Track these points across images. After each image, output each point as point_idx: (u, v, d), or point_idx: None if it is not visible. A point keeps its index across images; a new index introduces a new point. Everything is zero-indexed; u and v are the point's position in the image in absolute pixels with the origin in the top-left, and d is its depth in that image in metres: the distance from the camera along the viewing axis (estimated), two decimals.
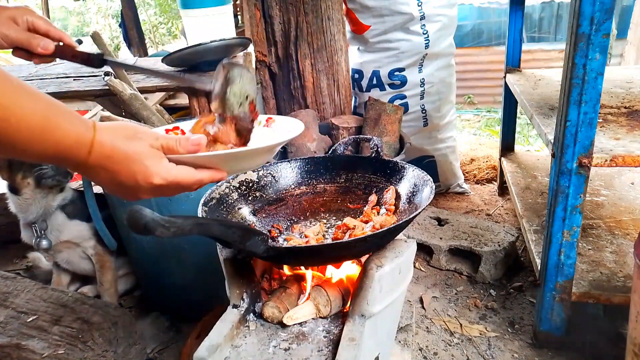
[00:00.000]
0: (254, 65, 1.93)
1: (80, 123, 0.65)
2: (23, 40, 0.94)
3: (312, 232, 1.19)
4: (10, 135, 0.59)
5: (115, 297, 1.94)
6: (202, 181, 0.75)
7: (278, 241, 1.22)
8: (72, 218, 1.86)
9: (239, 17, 4.24)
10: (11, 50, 0.96)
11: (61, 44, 1.00)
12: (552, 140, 1.45)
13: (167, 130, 0.95)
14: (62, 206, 1.84)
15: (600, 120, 1.62)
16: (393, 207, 1.22)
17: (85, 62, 1.03)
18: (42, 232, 1.80)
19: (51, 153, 0.63)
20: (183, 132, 0.96)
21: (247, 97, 0.87)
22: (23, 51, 0.95)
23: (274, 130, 0.98)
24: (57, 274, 2.03)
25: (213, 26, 3.02)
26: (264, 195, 1.32)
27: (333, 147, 1.40)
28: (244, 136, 0.86)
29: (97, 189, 1.79)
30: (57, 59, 1.03)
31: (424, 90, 2.63)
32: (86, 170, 0.68)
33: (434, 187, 1.13)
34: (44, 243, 1.80)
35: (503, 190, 2.82)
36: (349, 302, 1.07)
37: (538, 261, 1.67)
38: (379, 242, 1.08)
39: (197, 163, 0.74)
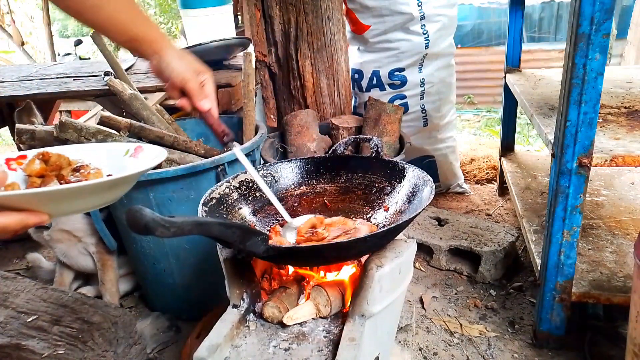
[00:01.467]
0: (253, 65, 1.92)
1: None
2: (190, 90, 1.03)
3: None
4: None
5: (117, 296, 1.94)
6: (7, 228, 0.63)
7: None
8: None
9: (239, 17, 4.24)
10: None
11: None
12: (552, 140, 1.45)
13: (7, 160, 0.84)
14: None
15: (600, 120, 1.62)
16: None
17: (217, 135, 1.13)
18: None
19: None
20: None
21: None
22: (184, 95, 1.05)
23: (139, 160, 0.88)
24: (60, 272, 2.02)
25: (213, 26, 3.02)
26: (264, 195, 1.32)
27: (333, 147, 1.40)
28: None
29: None
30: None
31: (424, 90, 2.63)
32: None
33: (434, 187, 1.13)
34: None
35: (503, 190, 2.82)
36: (348, 302, 1.07)
37: (538, 261, 1.67)
38: (379, 242, 1.08)
39: (6, 204, 0.63)
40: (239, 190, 1.28)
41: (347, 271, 1.19)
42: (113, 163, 0.89)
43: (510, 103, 2.63)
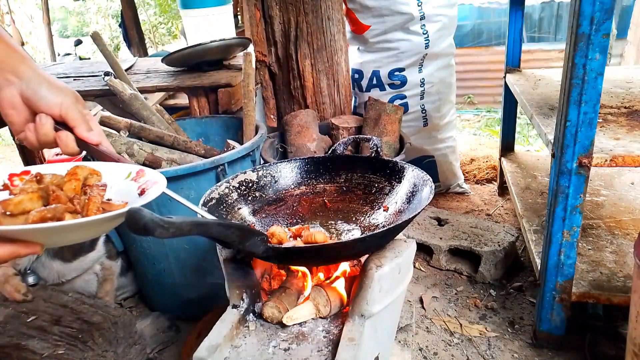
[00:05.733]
0: (253, 65, 1.92)
1: None
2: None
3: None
4: None
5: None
6: None
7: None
8: (72, 260, 1.78)
9: (239, 17, 4.24)
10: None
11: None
12: (552, 140, 1.45)
13: (11, 176, 0.79)
14: (55, 252, 1.72)
15: (600, 120, 1.62)
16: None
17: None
18: (27, 269, 1.68)
19: None
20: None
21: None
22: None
23: (138, 187, 0.82)
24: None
25: (213, 26, 3.02)
26: (264, 195, 1.32)
27: (333, 147, 1.40)
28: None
29: None
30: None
31: (424, 90, 2.63)
32: None
33: (433, 187, 1.13)
34: (30, 279, 1.67)
35: (503, 190, 2.82)
36: (348, 302, 1.07)
37: (538, 261, 1.67)
38: (379, 242, 1.08)
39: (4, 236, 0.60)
40: (239, 191, 1.27)
41: (347, 271, 1.19)
42: (114, 185, 0.82)
43: (510, 103, 2.63)
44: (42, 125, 0.78)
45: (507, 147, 2.74)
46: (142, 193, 0.80)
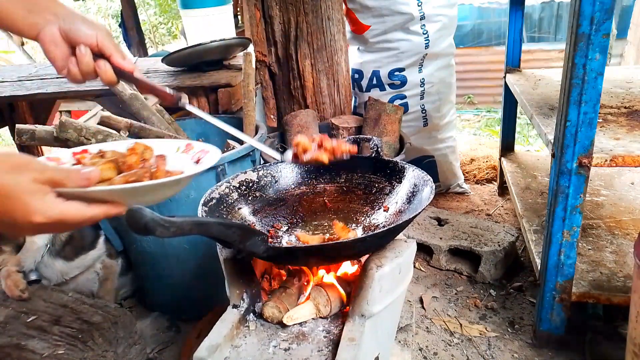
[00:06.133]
0: (253, 65, 1.92)
1: None
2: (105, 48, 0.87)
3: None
4: None
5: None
6: (94, 218, 0.68)
7: (281, 239, 1.22)
8: (73, 258, 1.82)
9: (239, 17, 4.24)
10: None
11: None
12: (552, 140, 1.45)
13: (74, 154, 0.89)
14: (57, 252, 1.76)
15: (600, 120, 1.62)
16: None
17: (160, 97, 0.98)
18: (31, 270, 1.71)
19: None
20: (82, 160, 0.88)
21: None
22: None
23: (191, 157, 0.92)
24: None
25: (213, 26, 3.02)
26: (264, 195, 1.32)
27: None
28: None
29: None
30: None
31: (424, 90, 2.63)
32: None
33: (434, 187, 1.13)
34: (33, 276, 1.70)
35: (503, 190, 2.82)
36: (348, 302, 1.07)
37: (538, 261, 1.67)
38: (379, 242, 1.08)
39: (91, 197, 0.68)
40: (239, 190, 1.28)
41: (347, 271, 1.19)
42: (169, 159, 0.90)
43: (510, 103, 2.63)
44: (83, 55, 0.85)
45: (507, 147, 2.74)
46: (197, 162, 0.90)
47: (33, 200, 0.62)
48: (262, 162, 1.95)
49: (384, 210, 1.26)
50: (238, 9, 4.20)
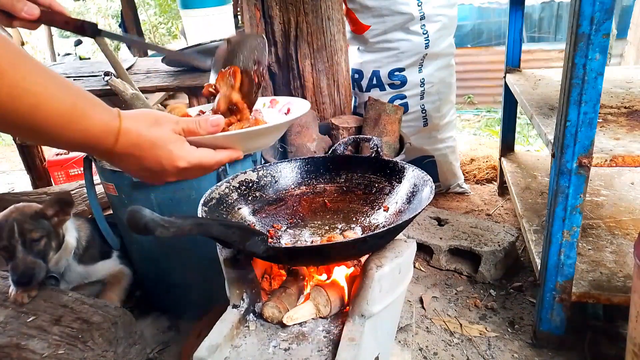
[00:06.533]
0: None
1: (106, 111, 0.66)
2: (5, 3, 0.88)
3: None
4: (40, 122, 0.60)
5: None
6: (221, 161, 0.77)
7: (280, 239, 1.22)
8: (93, 262, 1.86)
9: (239, 17, 4.24)
10: None
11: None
12: (552, 140, 1.45)
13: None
14: (79, 257, 1.82)
15: (600, 120, 1.62)
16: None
17: (78, 30, 1.00)
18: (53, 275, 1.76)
19: (79, 141, 0.64)
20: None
21: (255, 62, 0.91)
22: (4, 14, 0.88)
23: (279, 110, 1.01)
24: None
25: (213, 26, 3.02)
26: (264, 195, 1.32)
27: (333, 147, 1.40)
28: (249, 101, 0.89)
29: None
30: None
31: (424, 90, 2.63)
32: (113, 158, 0.69)
33: (433, 187, 1.13)
34: (52, 281, 1.74)
35: (503, 190, 2.82)
36: (348, 302, 1.07)
37: (538, 261, 1.67)
38: (379, 242, 1.08)
39: (216, 144, 0.77)
40: (239, 191, 1.28)
41: (347, 271, 1.19)
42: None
43: (510, 103, 2.63)
44: None
45: (507, 147, 2.74)
46: (287, 113, 1.00)
47: (175, 148, 0.71)
48: (262, 162, 1.95)
49: (384, 210, 1.26)
50: (238, 9, 4.20)
